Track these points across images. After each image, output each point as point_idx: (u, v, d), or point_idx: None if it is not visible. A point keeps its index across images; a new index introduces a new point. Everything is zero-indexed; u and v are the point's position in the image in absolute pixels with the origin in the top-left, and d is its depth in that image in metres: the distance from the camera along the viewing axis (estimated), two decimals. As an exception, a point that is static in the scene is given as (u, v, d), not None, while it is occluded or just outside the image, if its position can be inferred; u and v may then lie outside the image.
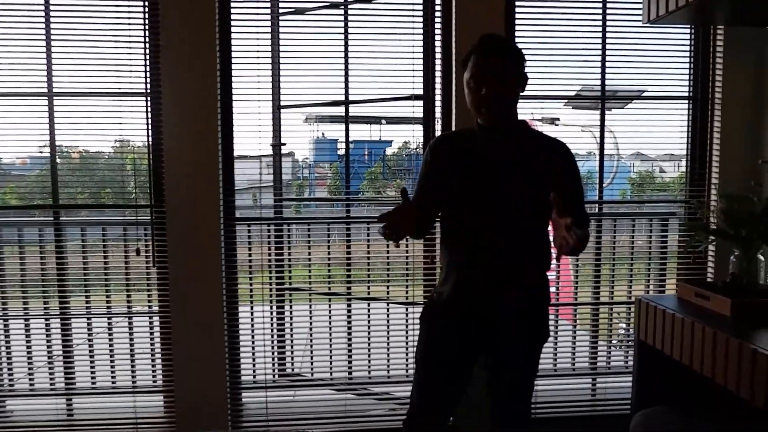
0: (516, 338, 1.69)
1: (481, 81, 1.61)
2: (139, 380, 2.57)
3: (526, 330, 1.70)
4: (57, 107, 2.41)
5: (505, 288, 1.66)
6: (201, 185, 2.41)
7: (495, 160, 1.66)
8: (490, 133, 1.68)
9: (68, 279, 2.52)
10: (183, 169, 2.39)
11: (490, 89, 1.60)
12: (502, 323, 1.67)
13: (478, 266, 1.66)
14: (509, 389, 1.74)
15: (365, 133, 2.92)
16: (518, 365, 1.72)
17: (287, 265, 2.67)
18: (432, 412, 1.77)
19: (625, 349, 2.80)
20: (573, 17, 2.55)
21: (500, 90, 1.61)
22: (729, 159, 2.54)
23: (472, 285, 1.67)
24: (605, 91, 2.59)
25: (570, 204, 1.61)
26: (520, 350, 1.71)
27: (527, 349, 1.73)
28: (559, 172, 1.66)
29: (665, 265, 2.76)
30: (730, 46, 2.50)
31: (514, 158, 1.66)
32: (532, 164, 1.66)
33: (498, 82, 1.60)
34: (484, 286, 1.66)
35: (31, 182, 2.66)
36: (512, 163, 1.66)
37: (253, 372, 2.63)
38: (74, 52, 2.41)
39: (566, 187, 1.66)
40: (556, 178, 1.64)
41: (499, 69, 1.61)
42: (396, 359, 2.67)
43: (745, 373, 1.60)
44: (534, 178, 1.63)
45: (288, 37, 2.53)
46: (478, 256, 1.66)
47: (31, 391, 2.55)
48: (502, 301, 1.66)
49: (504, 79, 1.61)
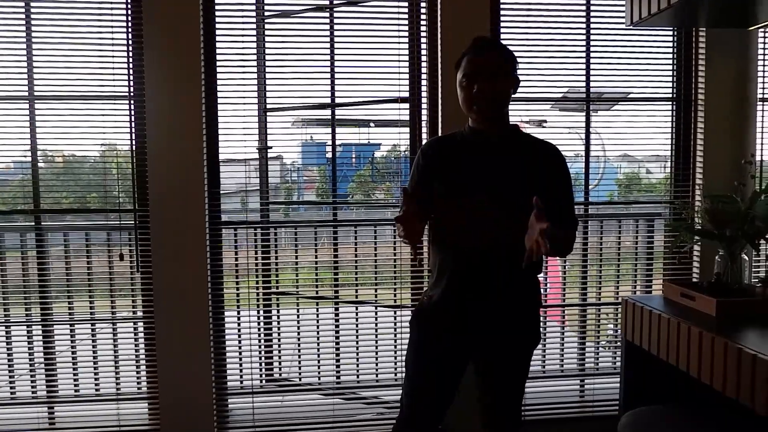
0: (506, 342, 1.69)
1: (473, 78, 1.61)
2: (123, 387, 2.53)
3: (516, 334, 1.70)
4: (39, 111, 2.38)
5: (494, 292, 1.65)
6: (186, 189, 2.38)
7: (485, 164, 1.66)
8: (480, 136, 1.68)
9: (50, 285, 2.49)
10: (167, 173, 2.37)
11: (482, 86, 1.60)
12: (493, 327, 1.67)
13: (467, 270, 1.66)
14: (499, 393, 1.74)
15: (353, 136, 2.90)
16: (508, 369, 1.72)
17: (274, 269, 2.65)
18: (422, 416, 1.76)
19: (613, 350, 2.80)
20: (557, 20, 2.57)
21: (493, 88, 1.61)
22: (713, 159, 2.57)
23: (462, 289, 1.66)
24: (590, 94, 2.61)
25: (554, 207, 1.61)
26: (511, 354, 1.71)
27: (517, 353, 1.73)
28: (549, 176, 1.66)
29: (652, 265, 2.78)
30: (712, 48, 2.53)
31: (504, 161, 1.66)
32: (523, 167, 1.66)
33: (490, 80, 1.61)
34: (473, 290, 1.65)
35: (15, 187, 2.62)
36: (502, 167, 1.65)
37: (240, 377, 2.60)
38: (56, 55, 2.38)
39: (556, 190, 1.66)
40: (546, 181, 1.64)
41: (492, 67, 1.61)
42: (384, 363, 2.65)
43: (730, 372, 1.60)
44: (524, 182, 1.63)
45: (273, 40, 2.51)
46: (467, 260, 1.65)
47: (12, 400, 2.50)
48: (492, 306, 1.65)
49: (496, 76, 1.61)
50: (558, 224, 1.59)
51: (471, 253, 1.64)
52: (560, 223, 1.59)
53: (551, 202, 1.63)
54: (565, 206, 1.70)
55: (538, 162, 1.68)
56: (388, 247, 2.68)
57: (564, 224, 1.63)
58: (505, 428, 1.75)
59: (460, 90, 1.66)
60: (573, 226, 1.70)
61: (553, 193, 1.65)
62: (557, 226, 1.58)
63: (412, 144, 2.50)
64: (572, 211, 1.73)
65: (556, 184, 1.68)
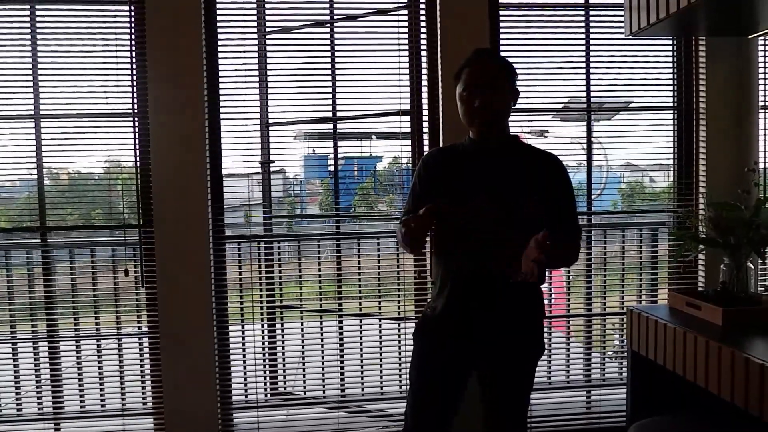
0: (510, 353, 1.67)
1: (474, 91, 1.61)
2: (129, 403, 2.53)
3: (520, 345, 1.69)
4: (44, 129, 2.42)
5: (497, 301, 1.64)
6: (189, 204, 2.40)
7: (484, 167, 1.66)
8: (481, 147, 1.68)
9: (56, 301, 2.50)
10: (171, 189, 2.38)
11: (483, 99, 1.60)
12: (496, 338, 1.66)
13: (469, 281, 1.65)
14: (503, 404, 1.72)
15: (355, 150, 2.91)
16: (513, 380, 1.70)
17: (278, 283, 2.65)
18: (427, 428, 1.74)
19: (620, 360, 2.78)
20: (556, 31, 2.58)
21: (493, 100, 1.61)
22: (715, 167, 2.56)
23: (465, 297, 1.66)
24: (591, 104, 2.61)
25: (555, 215, 1.61)
26: (515, 365, 1.69)
27: (522, 364, 1.71)
28: (549, 183, 1.66)
29: (656, 274, 2.76)
30: (712, 56, 2.53)
31: (503, 164, 1.66)
32: (522, 171, 1.66)
33: (491, 93, 1.61)
34: (476, 298, 1.65)
35: (20, 204, 2.64)
36: (501, 169, 1.65)
37: (244, 391, 2.60)
38: (61, 74, 2.41)
39: (557, 198, 1.66)
40: (547, 189, 1.64)
41: (492, 79, 1.62)
42: (389, 375, 2.64)
43: (738, 381, 1.58)
44: (523, 183, 1.63)
45: (275, 55, 2.54)
46: (469, 271, 1.64)
47: (18, 416, 2.51)
48: (495, 315, 1.65)
49: (497, 89, 1.62)
50: (559, 233, 1.60)
51: (473, 260, 1.63)
52: (562, 232, 1.60)
53: (552, 210, 1.63)
54: (567, 214, 1.69)
55: (538, 169, 1.68)
56: (392, 259, 2.68)
57: (566, 233, 1.63)
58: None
59: (461, 103, 1.66)
60: (575, 235, 1.69)
61: (554, 200, 1.64)
62: (559, 235, 1.59)
63: (414, 156, 2.51)
64: (574, 220, 1.72)
65: (556, 192, 1.67)
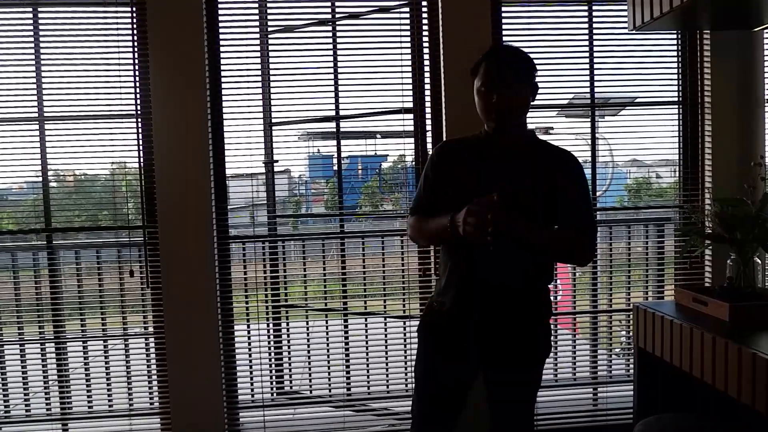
0: (516, 352, 1.66)
1: (492, 87, 1.58)
2: (136, 403, 2.55)
3: (527, 347, 1.67)
4: (49, 131, 2.43)
5: (505, 300, 1.63)
6: (194, 204, 2.41)
7: (497, 168, 1.64)
8: (497, 140, 1.66)
9: (62, 303, 2.51)
10: (175, 189, 2.39)
11: (502, 95, 1.58)
12: (503, 337, 1.64)
13: (479, 276, 1.63)
14: (511, 406, 1.71)
15: (359, 148, 2.92)
16: (520, 382, 1.69)
17: (283, 282, 2.66)
18: (434, 427, 1.74)
19: (626, 357, 2.77)
20: (560, 27, 2.57)
21: (512, 96, 1.59)
22: (721, 162, 2.54)
23: (474, 297, 1.64)
24: (595, 99, 2.60)
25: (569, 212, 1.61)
26: (522, 367, 1.68)
27: (529, 366, 1.69)
28: (563, 181, 1.64)
29: (663, 271, 2.74)
30: (716, 50, 2.51)
31: (517, 166, 1.64)
32: (536, 172, 1.63)
33: (509, 88, 1.58)
34: (485, 297, 1.63)
35: (27, 207, 2.66)
36: (515, 170, 1.63)
37: (250, 391, 2.61)
38: (65, 76, 2.42)
39: (571, 195, 1.64)
40: (561, 186, 1.62)
41: (511, 75, 1.59)
42: (395, 373, 2.64)
43: (745, 378, 1.57)
44: (537, 185, 1.61)
45: (277, 54, 2.54)
46: (480, 266, 1.62)
47: (27, 417, 2.53)
48: (503, 318, 1.63)
49: (515, 85, 1.59)
50: (572, 230, 1.61)
51: (483, 257, 1.58)
52: (575, 229, 1.60)
53: (566, 206, 1.62)
54: (581, 211, 1.66)
55: (553, 167, 1.65)
56: (396, 257, 2.68)
57: (576, 228, 1.62)
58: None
59: (478, 98, 1.63)
60: (587, 233, 1.66)
61: (568, 198, 1.62)
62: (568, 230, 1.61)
63: (417, 154, 2.50)
64: (589, 217, 1.69)
65: (570, 190, 1.64)
